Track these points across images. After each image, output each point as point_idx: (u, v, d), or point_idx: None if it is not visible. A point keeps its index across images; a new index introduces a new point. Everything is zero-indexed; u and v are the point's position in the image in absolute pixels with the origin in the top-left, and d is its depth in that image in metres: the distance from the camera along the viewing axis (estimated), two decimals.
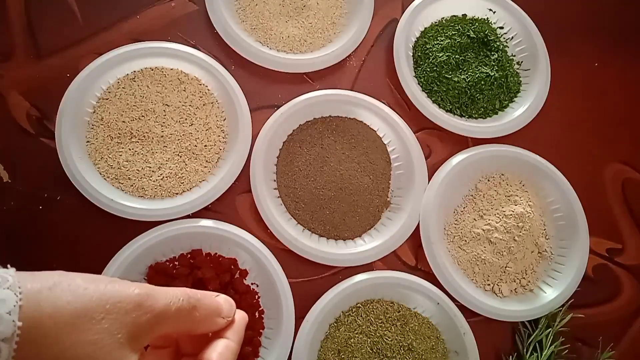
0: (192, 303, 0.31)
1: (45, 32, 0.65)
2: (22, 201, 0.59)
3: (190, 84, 0.64)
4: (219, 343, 0.33)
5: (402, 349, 0.58)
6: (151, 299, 0.29)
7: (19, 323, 0.24)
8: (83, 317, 0.26)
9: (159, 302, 0.29)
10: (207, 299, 0.32)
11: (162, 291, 0.30)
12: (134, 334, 0.28)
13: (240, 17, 0.69)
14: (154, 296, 0.29)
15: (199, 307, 0.31)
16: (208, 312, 0.32)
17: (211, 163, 0.62)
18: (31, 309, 0.25)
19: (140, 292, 0.28)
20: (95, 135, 0.60)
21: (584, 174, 0.70)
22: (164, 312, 0.29)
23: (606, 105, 0.75)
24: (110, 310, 0.27)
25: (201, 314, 0.32)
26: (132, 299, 0.28)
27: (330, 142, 0.65)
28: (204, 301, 0.32)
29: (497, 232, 0.63)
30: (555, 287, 0.63)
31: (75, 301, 0.26)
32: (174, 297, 0.30)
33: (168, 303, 0.29)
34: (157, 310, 0.29)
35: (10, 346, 0.24)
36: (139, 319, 0.28)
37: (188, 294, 0.31)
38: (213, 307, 0.33)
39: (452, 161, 0.65)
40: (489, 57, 0.69)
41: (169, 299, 0.30)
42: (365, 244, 0.62)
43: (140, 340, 0.28)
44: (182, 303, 0.30)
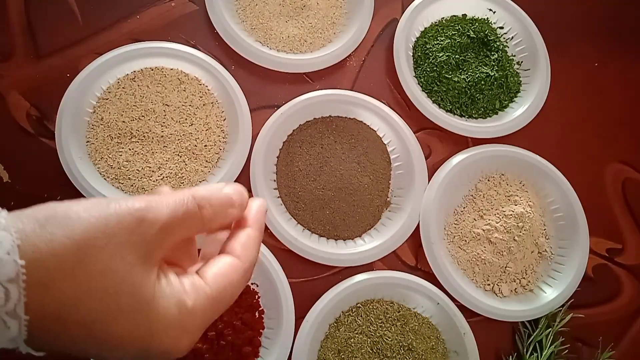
0: (198, 202, 0.29)
1: (45, 32, 0.65)
2: (22, 201, 0.59)
3: (190, 84, 0.64)
4: (241, 233, 0.32)
5: (402, 349, 0.58)
6: (154, 211, 0.27)
7: (21, 261, 0.23)
8: (85, 248, 0.24)
9: (162, 211, 0.27)
10: (214, 194, 0.30)
11: (163, 199, 0.28)
12: (145, 252, 0.26)
13: (240, 17, 0.69)
14: (156, 207, 0.27)
15: (207, 204, 0.29)
16: (218, 207, 0.30)
17: (211, 163, 0.62)
18: (29, 250, 0.23)
19: (140, 206, 0.26)
20: (95, 135, 0.60)
21: (584, 174, 0.70)
22: (171, 221, 0.27)
23: (606, 105, 0.75)
24: (112, 234, 0.25)
25: (210, 210, 0.29)
26: (134, 215, 0.26)
27: (330, 142, 0.65)
28: (211, 197, 0.30)
29: (497, 232, 0.63)
30: (555, 287, 0.63)
31: (72, 233, 0.24)
32: (178, 202, 0.28)
33: (173, 209, 0.27)
34: (163, 220, 0.27)
35: (18, 286, 0.22)
36: (145, 234, 0.26)
37: (192, 194, 0.29)
38: (223, 201, 0.30)
39: (452, 161, 0.65)
40: (489, 57, 0.70)
41: (173, 205, 0.28)
42: (365, 244, 0.62)
43: (154, 256, 0.27)
44: (188, 206, 0.28)
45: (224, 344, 0.54)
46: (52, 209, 0.25)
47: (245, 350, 0.55)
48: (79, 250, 0.24)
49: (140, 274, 0.25)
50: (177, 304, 0.27)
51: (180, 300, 0.27)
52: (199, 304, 0.27)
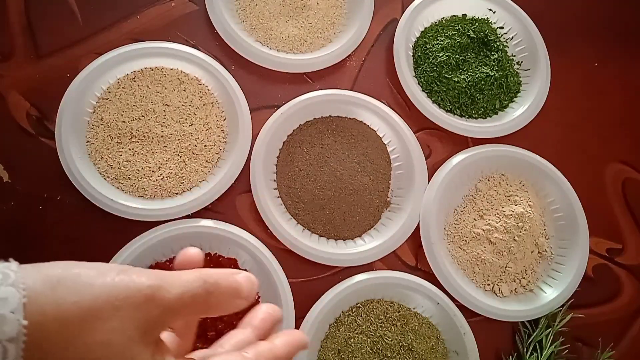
0: (207, 288, 0.28)
1: (45, 32, 0.65)
2: (22, 201, 0.59)
3: (190, 84, 0.64)
4: (263, 345, 0.31)
5: (402, 349, 0.58)
6: (163, 291, 0.26)
7: (24, 322, 0.22)
8: (90, 317, 0.24)
9: (171, 292, 0.27)
10: (224, 280, 0.29)
11: (174, 279, 0.27)
12: (146, 329, 0.26)
13: (240, 17, 0.69)
14: (166, 287, 0.26)
15: (215, 291, 0.28)
16: (226, 295, 0.29)
17: (211, 163, 0.62)
18: (34, 311, 0.23)
19: (151, 284, 0.26)
20: (95, 135, 0.60)
21: (584, 174, 0.70)
22: (177, 303, 0.27)
23: (606, 105, 0.75)
24: (119, 307, 0.25)
25: (218, 298, 0.29)
26: (143, 293, 0.26)
27: (330, 142, 0.65)
28: (221, 284, 0.29)
29: (497, 232, 0.63)
30: (555, 287, 0.63)
31: (81, 300, 0.24)
32: (187, 285, 0.27)
33: (181, 292, 0.27)
34: (170, 302, 0.26)
35: (17, 346, 0.22)
36: (150, 312, 0.26)
37: (203, 278, 0.28)
38: (232, 289, 0.29)
39: (452, 161, 0.65)
40: (489, 57, 0.69)
41: (182, 288, 0.27)
42: (365, 244, 0.62)
43: (153, 334, 0.27)
44: (197, 290, 0.28)
45: None
46: (66, 271, 0.25)
47: None
48: (84, 320, 0.24)
49: (137, 350, 0.25)
50: None
51: None
52: None
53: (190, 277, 0.28)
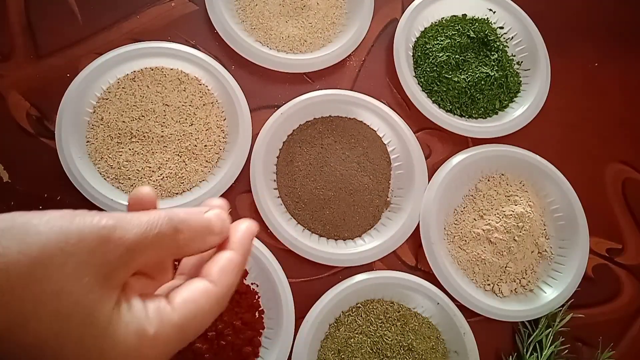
0: (174, 226, 0.26)
1: (45, 32, 0.65)
2: (22, 201, 0.59)
3: (190, 84, 0.64)
4: (221, 256, 0.29)
5: (402, 349, 0.58)
6: (120, 231, 0.24)
7: None
8: (39, 266, 0.22)
9: (130, 232, 0.24)
10: (193, 218, 0.27)
11: (134, 218, 0.25)
12: (106, 273, 0.24)
13: (240, 17, 0.69)
14: (124, 226, 0.24)
15: (184, 228, 0.27)
16: (196, 232, 0.27)
17: (211, 163, 0.62)
18: None
19: (105, 224, 0.24)
20: (95, 135, 0.60)
21: (584, 174, 0.70)
22: (140, 243, 0.25)
23: (606, 105, 0.75)
24: (71, 252, 0.23)
25: (187, 236, 0.27)
26: (97, 234, 0.24)
27: (330, 142, 0.65)
28: (189, 221, 0.27)
29: (497, 232, 0.63)
30: (555, 287, 0.63)
31: (27, 249, 0.22)
32: (150, 223, 0.25)
33: (143, 231, 0.25)
34: (130, 241, 0.24)
35: None
36: (107, 255, 0.24)
37: (169, 215, 0.26)
38: (202, 226, 0.28)
39: (452, 161, 0.65)
40: (489, 57, 0.69)
41: (143, 227, 0.25)
42: (365, 244, 0.62)
43: (115, 278, 0.24)
44: (161, 228, 0.26)
45: (224, 344, 0.54)
46: (9, 220, 0.23)
47: (245, 350, 0.55)
48: (32, 268, 0.22)
49: (97, 297, 0.23)
50: (137, 331, 0.24)
51: (141, 327, 0.24)
52: (163, 333, 0.25)
53: (153, 216, 0.26)
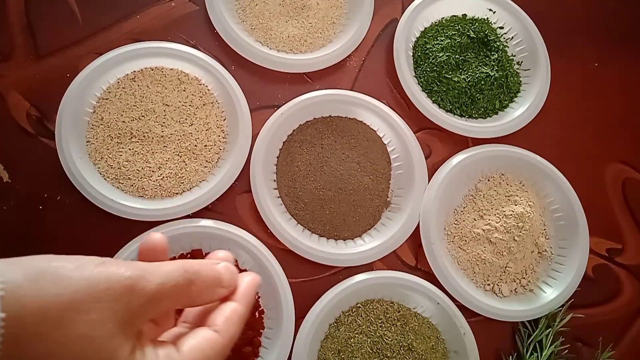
0: (189, 277, 0.28)
1: (45, 32, 0.65)
2: (22, 201, 0.59)
3: (190, 84, 0.64)
4: (226, 307, 0.31)
5: (402, 349, 0.58)
6: (143, 281, 0.26)
7: (2, 314, 0.22)
8: (70, 310, 0.24)
9: (152, 283, 0.27)
10: (205, 270, 0.30)
11: (155, 269, 0.28)
12: (127, 320, 0.26)
13: (240, 17, 0.69)
14: (146, 277, 0.27)
15: (197, 280, 0.29)
16: (208, 284, 0.30)
17: (211, 163, 0.62)
18: (13, 304, 0.23)
19: (131, 275, 0.26)
20: (95, 135, 0.60)
21: (584, 174, 0.70)
22: (159, 293, 0.27)
23: (606, 105, 0.75)
24: (99, 299, 0.25)
25: (200, 287, 0.29)
26: (122, 284, 0.26)
27: (330, 142, 0.65)
28: (202, 274, 0.29)
29: (497, 232, 0.63)
30: (555, 287, 0.63)
31: (61, 293, 0.24)
32: (168, 275, 0.28)
33: (162, 282, 0.27)
34: (151, 292, 0.26)
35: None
36: (130, 304, 0.26)
37: (185, 267, 0.29)
38: (212, 278, 0.30)
39: (452, 161, 0.65)
40: (489, 57, 0.69)
41: (162, 278, 0.27)
42: (365, 244, 0.62)
43: (134, 325, 0.26)
44: (178, 280, 0.28)
45: None
46: (46, 264, 0.25)
47: (245, 350, 0.55)
48: (63, 312, 0.24)
49: (117, 343, 0.25)
50: None
51: None
52: None
53: (170, 267, 0.28)
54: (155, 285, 0.27)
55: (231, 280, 0.32)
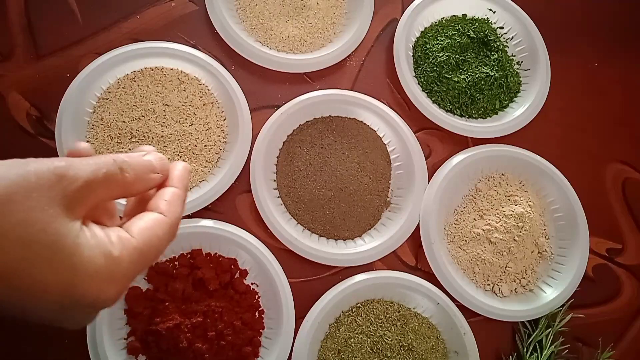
0: (119, 165, 0.30)
1: (45, 32, 0.65)
2: None
3: (190, 84, 0.64)
4: (165, 191, 0.33)
5: (402, 349, 0.58)
6: (73, 169, 0.27)
7: None
8: (3, 203, 0.25)
9: (82, 170, 0.28)
10: (134, 158, 0.32)
11: (83, 161, 0.29)
12: (66, 205, 0.27)
13: (240, 17, 0.69)
14: (76, 166, 0.28)
15: (128, 167, 0.31)
16: (139, 171, 0.31)
17: (211, 163, 0.62)
18: None
19: (58, 165, 0.27)
20: (95, 135, 0.60)
21: (584, 174, 0.70)
22: (92, 180, 0.28)
23: (606, 105, 0.75)
24: (31, 188, 0.26)
25: (132, 174, 0.31)
26: (53, 172, 0.27)
27: (330, 142, 0.65)
28: (132, 161, 0.31)
29: (497, 232, 0.63)
30: (555, 287, 0.63)
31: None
32: (98, 164, 0.29)
33: (93, 170, 0.28)
34: (83, 178, 0.28)
35: None
36: (65, 190, 0.27)
37: (113, 158, 0.30)
38: (143, 165, 0.32)
39: (452, 161, 0.65)
40: (489, 57, 0.69)
41: (92, 167, 0.28)
42: (365, 244, 0.62)
43: (75, 210, 0.27)
44: (109, 167, 0.29)
45: (224, 344, 0.54)
46: None
47: (245, 350, 0.55)
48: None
49: (61, 224, 0.26)
50: (103, 253, 0.27)
51: (106, 250, 0.27)
52: (126, 254, 0.28)
53: (100, 158, 0.30)
54: (86, 172, 0.28)
55: (163, 166, 0.33)
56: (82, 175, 0.28)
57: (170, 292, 0.55)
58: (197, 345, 0.53)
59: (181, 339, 0.52)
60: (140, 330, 0.55)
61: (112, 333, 0.54)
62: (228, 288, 0.57)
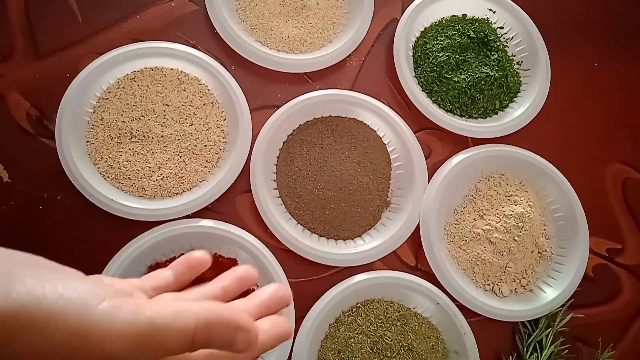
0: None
1: (45, 32, 0.65)
2: (22, 201, 0.59)
3: (190, 84, 0.64)
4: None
5: (402, 349, 0.58)
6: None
7: None
8: None
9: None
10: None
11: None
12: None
13: (240, 17, 0.69)
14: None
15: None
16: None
17: (211, 163, 0.62)
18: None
19: None
20: (95, 135, 0.60)
21: (584, 174, 0.70)
22: None
23: (606, 105, 0.75)
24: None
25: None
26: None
27: (330, 142, 0.65)
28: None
29: (497, 232, 0.63)
30: (555, 287, 0.63)
31: None
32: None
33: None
34: None
35: None
36: None
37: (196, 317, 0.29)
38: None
39: (452, 161, 0.65)
40: (489, 57, 0.69)
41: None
42: (365, 244, 0.62)
43: None
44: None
45: None
46: None
47: None
48: None
49: None
50: None
51: None
52: None
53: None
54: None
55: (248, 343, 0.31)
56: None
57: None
58: None
59: None
60: None
61: None
62: None
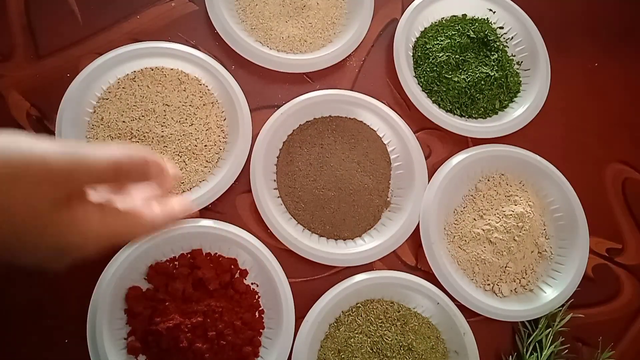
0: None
1: (45, 32, 0.65)
2: None
3: (190, 84, 0.64)
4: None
5: (402, 349, 0.58)
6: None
7: None
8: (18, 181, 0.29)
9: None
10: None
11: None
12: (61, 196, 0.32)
13: (240, 17, 0.69)
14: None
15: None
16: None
17: (211, 163, 0.62)
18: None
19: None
20: (95, 135, 0.60)
21: (584, 174, 0.70)
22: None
23: (606, 105, 0.75)
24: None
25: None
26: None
27: (330, 142, 0.65)
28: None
29: (497, 232, 0.63)
30: (555, 287, 0.63)
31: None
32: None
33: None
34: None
35: None
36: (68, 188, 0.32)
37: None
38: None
39: (452, 161, 0.65)
40: (489, 57, 0.69)
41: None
42: (365, 244, 0.62)
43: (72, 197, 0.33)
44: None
45: (224, 344, 0.54)
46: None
47: (245, 350, 0.55)
48: (14, 181, 0.30)
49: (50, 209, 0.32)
50: None
51: None
52: None
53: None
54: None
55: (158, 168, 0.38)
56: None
57: (171, 292, 0.55)
58: (197, 345, 0.53)
59: (181, 338, 0.52)
60: (140, 330, 0.55)
61: (112, 333, 0.54)
62: (228, 288, 0.57)
